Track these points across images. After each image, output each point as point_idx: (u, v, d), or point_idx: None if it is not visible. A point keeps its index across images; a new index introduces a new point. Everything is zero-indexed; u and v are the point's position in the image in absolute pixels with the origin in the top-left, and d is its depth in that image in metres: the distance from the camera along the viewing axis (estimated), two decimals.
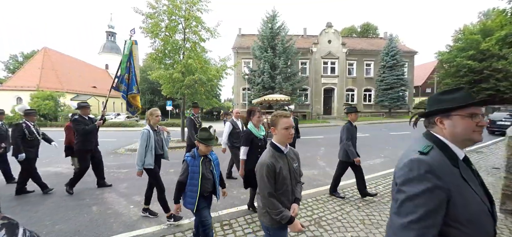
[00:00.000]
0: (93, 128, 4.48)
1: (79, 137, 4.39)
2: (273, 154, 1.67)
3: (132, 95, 5.26)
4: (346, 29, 43.55)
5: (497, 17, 14.05)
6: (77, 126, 4.35)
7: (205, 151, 2.36)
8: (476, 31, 30.17)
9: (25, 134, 4.27)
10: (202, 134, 2.34)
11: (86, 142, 4.43)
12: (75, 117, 4.49)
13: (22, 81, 28.46)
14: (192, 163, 2.34)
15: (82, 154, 4.45)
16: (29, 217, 3.49)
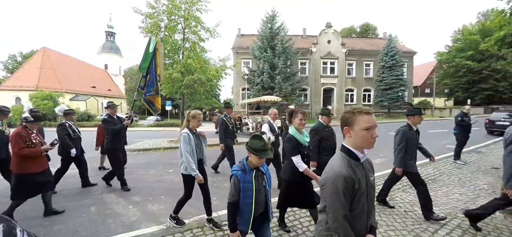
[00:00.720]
0: (121, 128, 4.52)
1: (108, 136, 4.49)
2: (349, 163, 1.26)
3: (151, 96, 5.12)
4: (346, 29, 43.61)
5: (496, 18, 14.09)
6: (106, 126, 4.44)
7: (257, 163, 1.93)
8: (475, 32, 30.29)
9: (69, 132, 4.60)
10: (254, 143, 1.90)
11: (115, 141, 4.50)
12: (104, 117, 4.60)
13: (21, 81, 28.39)
14: (243, 178, 1.91)
15: (112, 153, 4.54)
16: (27, 218, 3.47)
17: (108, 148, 4.51)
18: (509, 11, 12.33)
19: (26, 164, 3.20)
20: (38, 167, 3.31)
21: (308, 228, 3.02)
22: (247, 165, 1.95)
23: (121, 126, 4.51)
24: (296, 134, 2.69)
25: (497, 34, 13.88)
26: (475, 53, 28.45)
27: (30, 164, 3.23)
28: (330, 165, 1.30)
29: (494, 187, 4.34)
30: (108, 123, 4.46)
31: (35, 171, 3.27)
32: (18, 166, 3.19)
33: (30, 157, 3.22)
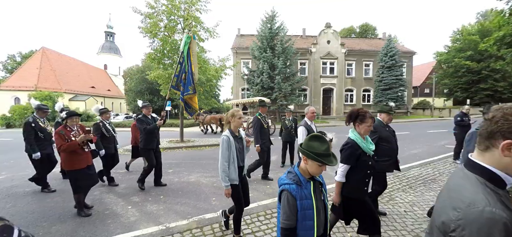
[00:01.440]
0: (154, 128, 4.52)
1: (142, 136, 4.51)
2: (497, 195, 0.79)
3: (189, 95, 4.96)
4: (345, 29, 43.66)
5: (495, 18, 14.09)
6: (140, 126, 4.46)
7: (315, 172, 1.46)
8: (474, 32, 30.35)
9: (103, 132, 4.78)
10: (314, 145, 1.44)
11: (148, 141, 4.50)
12: (139, 116, 4.62)
13: (20, 81, 28.34)
14: (299, 194, 1.43)
15: (146, 152, 4.54)
16: (25, 218, 3.45)
17: (142, 148, 4.53)
18: (508, 12, 12.35)
19: (71, 161, 3.36)
20: (81, 164, 3.42)
21: None
22: (301, 176, 1.48)
23: (154, 126, 4.50)
24: (358, 140, 2.18)
25: (496, 34, 13.91)
26: (474, 53, 28.50)
27: (74, 161, 3.37)
28: (461, 197, 0.81)
29: None
30: (142, 123, 4.48)
31: (79, 167, 3.40)
32: (65, 163, 3.38)
33: (74, 154, 3.36)
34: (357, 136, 2.20)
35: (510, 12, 12.20)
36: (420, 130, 13.35)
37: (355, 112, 2.25)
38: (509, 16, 12.43)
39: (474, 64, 28.90)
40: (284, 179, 1.52)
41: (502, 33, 13.28)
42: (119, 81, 47.98)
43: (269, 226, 3.07)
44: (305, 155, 1.45)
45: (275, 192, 4.37)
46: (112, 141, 4.98)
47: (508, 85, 28.85)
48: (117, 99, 42.17)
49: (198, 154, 8.11)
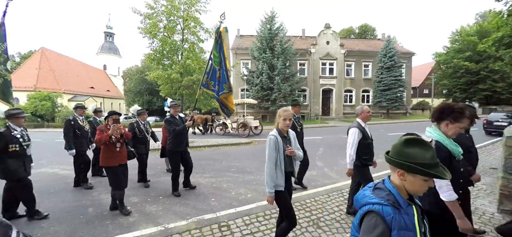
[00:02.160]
0: (183, 129, 4.23)
1: (171, 138, 4.25)
2: None
3: (224, 95, 4.56)
4: (344, 30, 43.74)
5: (493, 19, 14.15)
6: (168, 127, 4.20)
7: (420, 189, 1.04)
8: (472, 33, 30.47)
9: (135, 132, 4.74)
10: (416, 153, 1.04)
11: (176, 142, 4.21)
12: (167, 117, 4.41)
13: (19, 82, 28.20)
14: (398, 222, 0.96)
15: (173, 155, 4.27)
16: (24, 219, 3.44)
17: (169, 150, 4.26)
18: (506, 13, 12.38)
19: (105, 157, 3.46)
20: (114, 161, 3.48)
21: (307, 229, 3.02)
22: (398, 195, 1.04)
23: (183, 127, 4.20)
24: (446, 141, 1.73)
25: (494, 35, 13.94)
26: (473, 54, 28.60)
27: (108, 158, 3.45)
28: None
29: (492, 188, 4.35)
30: (171, 124, 4.19)
31: (112, 164, 3.46)
32: (101, 160, 3.50)
33: (109, 151, 3.45)
34: (444, 138, 1.74)
35: (509, 13, 12.24)
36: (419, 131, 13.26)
37: (450, 108, 1.76)
38: (507, 17, 12.47)
39: (473, 65, 28.99)
40: (370, 196, 1.06)
41: (500, 34, 13.32)
42: (119, 81, 47.92)
43: (268, 227, 3.07)
44: (404, 168, 1.03)
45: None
46: (144, 142, 4.87)
47: (506, 86, 28.97)
48: (116, 100, 42.11)
49: (197, 154, 8.10)
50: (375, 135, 3.54)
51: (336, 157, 7.37)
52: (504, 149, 3.41)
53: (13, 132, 3.28)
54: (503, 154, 3.45)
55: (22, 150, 3.30)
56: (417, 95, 37.74)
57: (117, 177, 3.48)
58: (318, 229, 3.01)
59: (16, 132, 3.31)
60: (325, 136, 12.46)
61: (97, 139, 3.36)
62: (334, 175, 5.49)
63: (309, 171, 5.84)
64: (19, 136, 3.31)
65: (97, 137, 3.37)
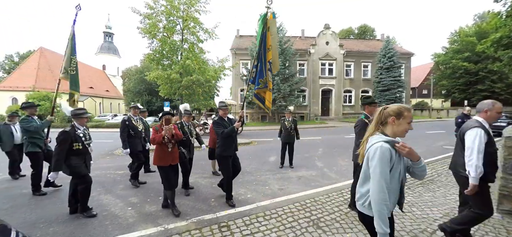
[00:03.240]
0: (232, 131, 3.83)
1: (220, 141, 3.92)
2: None
3: (261, 90, 4.05)
4: (344, 31, 43.84)
5: (492, 20, 14.22)
6: (217, 129, 3.87)
7: None
8: (471, 34, 30.59)
9: None
10: None
11: (226, 146, 3.85)
12: (215, 119, 4.09)
13: (18, 82, 28.17)
14: None
15: (223, 159, 3.88)
16: (23, 219, 3.43)
17: (219, 155, 3.90)
18: (505, 13, 12.44)
19: (158, 157, 3.48)
20: (165, 161, 3.47)
21: (307, 229, 3.02)
22: None
23: (232, 129, 3.83)
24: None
25: (493, 36, 14.00)
26: (471, 54, 28.73)
27: (160, 157, 3.46)
28: None
29: (491, 188, 4.35)
30: (219, 126, 3.86)
31: (163, 164, 3.46)
32: (154, 159, 3.53)
33: (161, 151, 3.47)
34: None
35: (507, 14, 12.29)
36: (418, 131, 13.41)
37: None
38: (506, 18, 12.53)
39: (472, 66, 29.10)
40: None
41: (499, 35, 13.37)
42: (118, 81, 47.84)
43: (268, 227, 3.07)
44: None
45: (274, 193, 4.38)
46: (187, 144, 4.59)
47: (505, 86, 29.10)
48: (115, 100, 42.03)
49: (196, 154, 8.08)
50: None
51: (335, 157, 7.38)
52: (503, 150, 3.42)
53: (77, 131, 3.45)
54: (502, 154, 3.46)
55: (84, 148, 3.51)
56: (416, 96, 37.83)
57: (166, 177, 3.49)
58: (318, 229, 3.01)
59: (79, 131, 3.48)
60: (325, 136, 12.46)
61: (152, 139, 3.43)
62: (333, 176, 5.49)
63: (309, 171, 5.85)
64: (82, 135, 3.49)
65: (151, 137, 3.45)
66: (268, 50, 3.95)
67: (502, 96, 29.03)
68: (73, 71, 5.31)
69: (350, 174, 5.52)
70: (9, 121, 5.46)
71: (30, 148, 4.49)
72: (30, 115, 4.61)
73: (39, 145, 4.55)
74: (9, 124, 5.41)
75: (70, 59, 5.21)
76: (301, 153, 7.84)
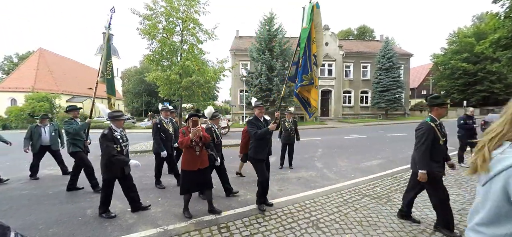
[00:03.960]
0: (266, 133, 3.48)
1: (253, 142, 3.66)
2: None
3: (304, 88, 3.65)
4: (343, 31, 43.95)
5: (490, 21, 14.29)
6: (250, 129, 3.60)
7: None
8: (470, 34, 30.67)
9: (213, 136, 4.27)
10: None
11: (258, 148, 3.58)
12: (249, 119, 3.77)
13: (17, 82, 28.10)
14: None
15: (256, 162, 3.61)
16: (22, 220, 3.42)
17: (252, 157, 3.63)
18: (503, 15, 12.51)
19: (185, 160, 3.36)
20: (193, 165, 3.33)
21: (306, 230, 3.02)
22: None
23: (266, 131, 3.46)
24: None
25: (491, 36, 14.07)
26: (470, 55, 28.80)
27: (188, 161, 3.33)
28: None
29: None
30: (253, 126, 3.58)
31: (189, 168, 3.32)
32: (182, 162, 3.41)
33: (189, 154, 3.34)
34: None
35: (505, 15, 12.36)
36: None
37: None
38: (504, 19, 12.59)
39: (470, 66, 29.19)
40: None
41: (497, 36, 13.45)
42: (117, 82, 47.79)
43: (267, 228, 3.07)
44: None
45: (274, 193, 4.37)
46: (219, 149, 4.38)
47: (504, 87, 29.19)
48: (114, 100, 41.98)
49: None
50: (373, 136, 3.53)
51: (335, 158, 7.38)
52: None
53: (115, 134, 3.44)
54: None
55: (121, 150, 3.46)
56: (415, 96, 37.90)
57: (187, 180, 3.35)
58: (317, 230, 3.02)
59: (116, 134, 3.47)
60: (324, 137, 12.47)
61: (179, 142, 3.32)
62: (333, 176, 5.50)
63: (308, 171, 5.86)
64: (119, 137, 3.47)
65: (179, 141, 3.33)
66: (312, 42, 3.53)
67: (501, 97, 29.10)
68: (109, 75, 5.46)
69: (350, 175, 5.53)
70: (41, 123, 5.67)
71: (72, 148, 4.66)
72: (73, 118, 4.83)
73: (80, 146, 4.73)
74: (40, 126, 5.63)
75: (106, 63, 5.31)
76: (301, 154, 7.84)
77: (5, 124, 22.94)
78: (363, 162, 6.70)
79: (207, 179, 3.49)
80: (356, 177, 5.38)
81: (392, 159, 7.09)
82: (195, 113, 3.53)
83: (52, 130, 5.73)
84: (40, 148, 5.57)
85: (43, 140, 5.59)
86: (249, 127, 3.61)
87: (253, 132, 3.49)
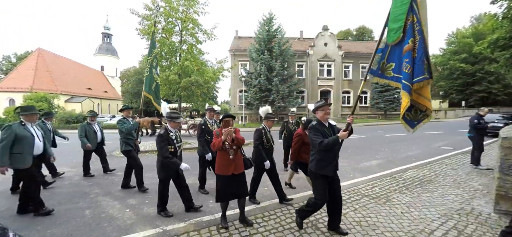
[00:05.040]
0: (335, 143, 2.65)
1: (315, 154, 2.82)
2: None
3: (421, 83, 2.80)
4: (342, 32, 44.03)
5: (488, 21, 14.40)
6: (313, 137, 2.74)
7: None
8: (468, 35, 30.83)
9: (263, 141, 3.82)
10: None
11: (323, 161, 2.75)
12: (313, 123, 2.91)
13: (15, 83, 28.01)
14: None
15: (318, 179, 2.81)
16: (20, 221, 3.40)
17: (313, 171, 2.84)
18: (501, 15, 12.58)
19: (218, 164, 3.11)
20: (227, 170, 3.04)
21: (306, 230, 3.02)
22: None
23: (335, 140, 2.63)
24: None
25: (490, 37, 14.16)
26: (468, 55, 28.96)
27: (221, 165, 3.08)
28: None
29: (489, 188, 4.39)
30: (317, 133, 2.75)
31: (223, 173, 3.05)
32: (216, 167, 3.15)
33: (222, 158, 3.06)
34: None
35: (503, 16, 12.43)
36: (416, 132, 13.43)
37: None
38: (502, 20, 12.66)
39: (469, 67, 29.32)
40: None
41: (495, 36, 13.53)
42: (116, 82, 47.71)
43: (266, 228, 3.07)
44: None
45: (273, 194, 4.36)
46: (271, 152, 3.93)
47: (502, 87, 29.33)
48: (113, 101, 41.87)
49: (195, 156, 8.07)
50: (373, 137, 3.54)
51: None
52: (500, 150, 3.45)
53: (170, 134, 3.40)
54: (499, 155, 3.49)
55: (175, 151, 3.41)
56: None
57: (221, 187, 3.08)
58: (316, 230, 3.01)
59: (172, 134, 3.43)
60: None
61: (212, 145, 3.07)
62: None
63: None
64: (174, 138, 3.43)
65: (212, 143, 3.09)
66: (423, 26, 2.78)
67: (499, 97, 29.26)
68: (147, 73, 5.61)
69: (349, 175, 5.54)
70: (91, 121, 5.81)
71: (125, 147, 4.72)
72: (125, 117, 4.89)
73: (131, 145, 4.78)
74: (91, 124, 5.77)
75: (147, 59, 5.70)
76: None
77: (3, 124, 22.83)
78: (362, 162, 6.71)
79: (242, 186, 3.15)
80: (355, 177, 5.39)
81: (391, 159, 7.10)
82: (229, 114, 3.22)
83: None
84: (98, 145, 5.81)
85: (98, 137, 5.81)
86: (312, 134, 2.78)
87: (318, 141, 2.68)
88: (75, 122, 22.89)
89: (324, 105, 2.89)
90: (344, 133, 2.68)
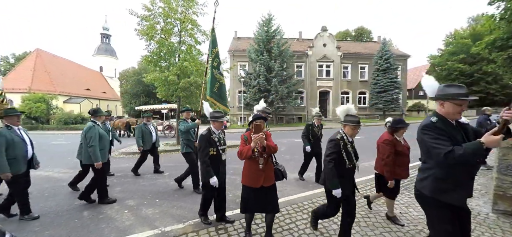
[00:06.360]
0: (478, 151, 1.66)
1: (431, 168, 1.93)
2: None
3: None
4: (341, 33, 44.14)
5: (486, 22, 14.46)
6: (434, 143, 1.77)
7: None
8: (466, 36, 31.00)
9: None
10: None
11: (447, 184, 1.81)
12: (431, 120, 2.00)
13: (13, 83, 27.82)
14: None
15: (431, 207, 1.97)
16: (18, 223, 3.38)
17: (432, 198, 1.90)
18: (498, 16, 12.65)
19: (245, 174, 2.74)
20: (256, 182, 2.62)
21: (304, 231, 3.02)
22: None
23: (476, 147, 1.68)
24: None
25: (487, 38, 14.22)
26: (466, 56, 29.10)
27: (248, 176, 2.69)
28: None
29: (487, 188, 4.41)
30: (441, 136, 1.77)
31: (253, 185, 2.64)
32: (242, 177, 2.77)
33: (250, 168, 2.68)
34: None
35: (501, 17, 12.49)
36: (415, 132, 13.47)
37: None
38: (499, 21, 12.73)
39: (467, 67, 29.47)
40: None
41: (493, 37, 13.59)
42: (115, 83, 47.56)
43: (265, 229, 3.06)
44: None
45: None
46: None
47: (499, 88, 29.49)
48: (112, 101, 41.74)
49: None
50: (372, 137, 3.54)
51: None
52: (498, 150, 3.47)
53: (212, 135, 3.08)
54: (497, 155, 3.50)
55: (217, 153, 3.08)
56: (412, 97, 38.12)
57: (247, 199, 2.70)
58: (315, 230, 3.01)
59: (214, 135, 3.09)
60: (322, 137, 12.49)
61: (238, 153, 2.63)
62: None
63: (307, 172, 5.84)
64: (216, 140, 3.10)
65: (238, 150, 2.64)
66: None
67: (497, 97, 29.42)
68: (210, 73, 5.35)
69: None
70: (147, 121, 5.93)
71: (185, 149, 4.67)
72: (186, 118, 4.98)
73: (191, 147, 4.71)
74: (147, 124, 5.88)
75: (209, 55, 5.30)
76: (298, 154, 7.84)
77: None
78: (361, 163, 6.70)
79: (272, 200, 2.69)
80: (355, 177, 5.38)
81: None
82: (260, 116, 2.66)
83: None
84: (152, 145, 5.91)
85: (153, 137, 5.91)
86: (431, 139, 1.79)
87: (444, 150, 1.66)
88: (73, 123, 22.81)
89: (459, 96, 1.74)
90: (495, 138, 1.58)
